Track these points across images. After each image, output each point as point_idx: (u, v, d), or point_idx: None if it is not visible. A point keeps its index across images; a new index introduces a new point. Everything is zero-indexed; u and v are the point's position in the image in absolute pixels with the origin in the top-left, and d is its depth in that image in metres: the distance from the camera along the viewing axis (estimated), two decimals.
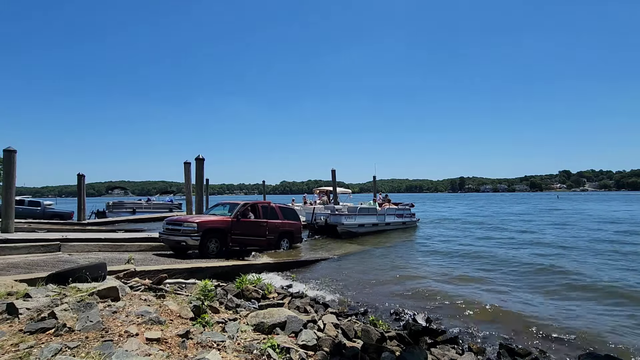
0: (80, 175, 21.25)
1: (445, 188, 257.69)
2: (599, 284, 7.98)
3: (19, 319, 3.23)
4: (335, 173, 22.77)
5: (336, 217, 16.28)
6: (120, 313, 3.52)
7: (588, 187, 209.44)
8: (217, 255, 10.21)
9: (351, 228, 16.66)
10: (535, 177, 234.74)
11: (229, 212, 11.33)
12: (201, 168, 14.59)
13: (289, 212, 12.98)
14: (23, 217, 20.40)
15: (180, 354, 2.88)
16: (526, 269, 9.64)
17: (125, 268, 6.43)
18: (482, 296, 7.19)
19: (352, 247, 13.77)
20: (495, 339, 5.11)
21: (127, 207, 30.34)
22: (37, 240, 10.13)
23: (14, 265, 7.26)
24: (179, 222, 10.28)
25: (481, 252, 12.53)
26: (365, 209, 18.29)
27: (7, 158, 12.57)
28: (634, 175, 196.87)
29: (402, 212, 20.65)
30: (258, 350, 3.15)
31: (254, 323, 4.00)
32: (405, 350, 4.00)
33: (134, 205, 31.17)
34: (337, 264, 10.38)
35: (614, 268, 9.71)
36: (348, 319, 5.33)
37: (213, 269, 8.02)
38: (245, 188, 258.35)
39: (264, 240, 11.68)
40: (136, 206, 30.93)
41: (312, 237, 16.51)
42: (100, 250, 10.15)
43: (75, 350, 2.66)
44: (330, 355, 3.47)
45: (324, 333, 4.12)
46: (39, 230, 14.93)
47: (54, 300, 3.60)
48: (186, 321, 3.73)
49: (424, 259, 11.51)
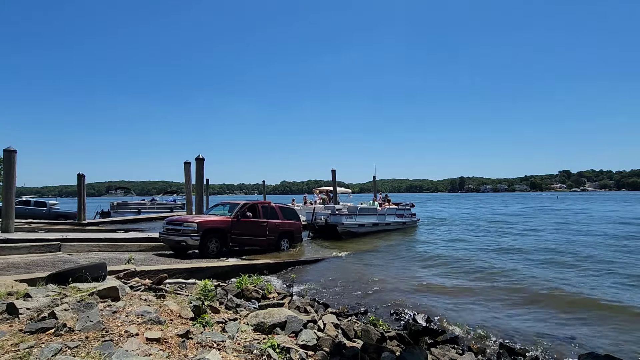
0: (80, 175, 21.25)
1: (446, 188, 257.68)
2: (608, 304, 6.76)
3: (19, 319, 3.23)
4: (335, 173, 22.76)
5: (336, 217, 16.19)
6: (120, 313, 3.52)
7: (588, 187, 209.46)
8: (217, 255, 10.22)
9: (351, 228, 16.62)
10: (535, 177, 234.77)
11: (229, 212, 11.33)
12: (201, 168, 14.60)
13: (289, 212, 12.97)
14: (29, 217, 20.52)
15: (180, 354, 2.88)
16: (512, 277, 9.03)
17: (126, 268, 6.43)
18: (485, 293, 7.19)
19: (352, 247, 13.77)
20: (495, 338, 5.10)
21: (131, 208, 30.37)
22: (37, 240, 10.14)
23: (14, 265, 7.27)
24: (179, 222, 10.29)
25: (482, 253, 12.52)
26: (366, 209, 18.22)
27: (7, 158, 12.57)
28: (634, 175, 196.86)
29: (402, 212, 20.58)
30: (258, 350, 3.15)
31: (254, 323, 4.00)
32: (406, 350, 4.00)
33: (138, 205, 31.19)
34: (337, 264, 10.38)
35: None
36: (348, 318, 5.33)
37: (213, 269, 8.02)
38: (245, 188, 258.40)
39: (264, 240, 11.68)
40: (140, 206, 30.94)
41: (312, 237, 16.43)
42: (100, 250, 10.15)
43: (76, 350, 2.66)
44: (330, 355, 3.47)
45: (324, 333, 4.13)
46: (39, 230, 14.93)
47: (54, 300, 3.60)
48: (186, 321, 3.73)
49: (424, 259, 11.50)
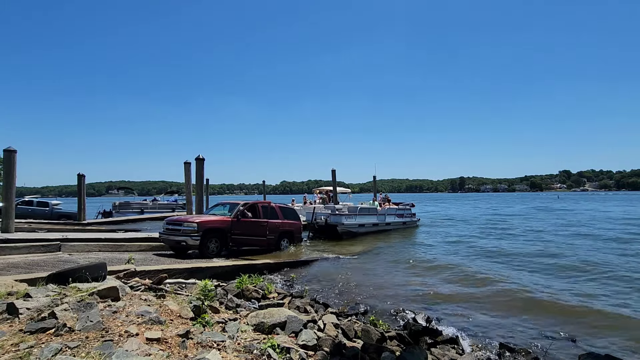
0: (80, 175, 21.26)
1: (445, 188, 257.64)
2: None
3: (19, 319, 3.23)
4: (335, 173, 22.77)
5: (336, 217, 16.21)
6: (120, 313, 3.52)
7: (588, 187, 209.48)
8: (217, 255, 10.22)
9: (351, 228, 16.67)
10: (535, 177, 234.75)
11: (229, 212, 11.34)
12: (201, 168, 14.60)
13: (289, 212, 12.98)
14: (32, 217, 20.54)
15: (180, 354, 2.88)
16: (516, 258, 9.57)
17: (126, 268, 6.43)
18: (485, 296, 7.19)
19: (352, 247, 13.78)
20: (495, 338, 5.10)
21: (134, 208, 30.40)
22: (38, 240, 10.15)
23: (14, 265, 7.27)
24: (179, 222, 10.29)
25: (482, 255, 12.51)
26: (366, 209, 18.26)
27: (7, 158, 12.58)
28: (634, 175, 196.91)
29: (402, 212, 20.62)
30: (258, 350, 3.15)
31: (254, 323, 4.00)
32: (406, 350, 4.00)
33: (140, 205, 31.21)
34: (337, 264, 10.38)
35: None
36: (348, 318, 5.32)
37: (213, 269, 8.02)
38: (245, 188, 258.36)
39: (264, 240, 11.68)
40: (143, 206, 30.96)
41: (312, 237, 16.41)
42: (100, 250, 10.16)
43: (76, 350, 2.66)
44: (330, 355, 3.47)
45: (324, 333, 4.12)
46: (39, 230, 14.93)
47: (54, 300, 3.60)
48: (186, 321, 3.73)
49: (423, 261, 11.47)
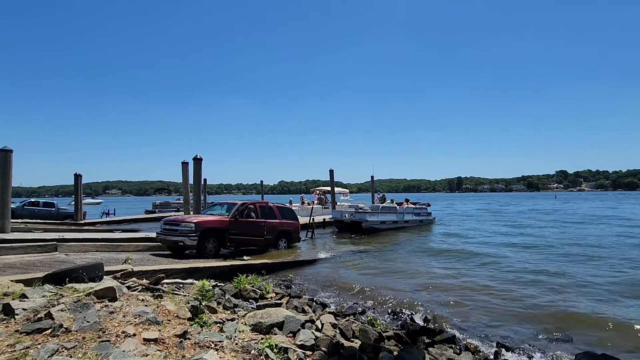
0: (77, 174, 21.18)
1: (443, 188, 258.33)
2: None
3: (15, 320, 3.21)
4: (333, 173, 22.80)
5: (361, 215, 18.31)
6: (117, 313, 3.51)
7: (585, 187, 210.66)
8: (214, 255, 10.19)
9: (374, 224, 18.55)
10: (532, 177, 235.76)
11: (226, 212, 11.31)
12: (199, 168, 14.57)
13: (287, 211, 12.97)
14: (38, 218, 20.53)
15: (177, 354, 2.87)
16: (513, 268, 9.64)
17: (123, 268, 6.40)
18: (485, 296, 7.21)
19: (352, 247, 13.80)
20: (492, 338, 5.12)
21: (172, 207, 30.26)
22: (34, 241, 10.09)
23: (10, 266, 7.21)
24: (177, 222, 10.25)
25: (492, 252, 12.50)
26: (387, 207, 20.08)
27: (3, 158, 12.49)
28: (630, 175, 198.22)
29: (419, 210, 22.30)
30: (256, 350, 3.15)
31: (252, 323, 3.99)
32: (403, 349, 4.00)
33: (178, 204, 30.80)
34: (335, 264, 10.38)
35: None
36: (346, 318, 5.33)
37: (211, 269, 8.00)
38: (243, 188, 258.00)
39: (262, 240, 11.67)
40: (180, 205, 30.59)
41: (338, 232, 18.77)
42: (97, 251, 10.10)
43: (72, 351, 2.64)
44: (328, 355, 3.47)
45: (322, 333, 4.12)
46: (35, 230, 14.85)
47: (51, 300, 3.58)
48: (184, 321, 3.72)
49: (429, 255, 11.61)
